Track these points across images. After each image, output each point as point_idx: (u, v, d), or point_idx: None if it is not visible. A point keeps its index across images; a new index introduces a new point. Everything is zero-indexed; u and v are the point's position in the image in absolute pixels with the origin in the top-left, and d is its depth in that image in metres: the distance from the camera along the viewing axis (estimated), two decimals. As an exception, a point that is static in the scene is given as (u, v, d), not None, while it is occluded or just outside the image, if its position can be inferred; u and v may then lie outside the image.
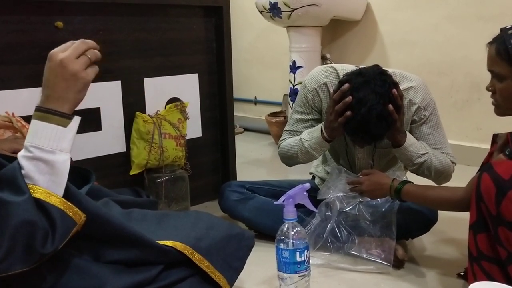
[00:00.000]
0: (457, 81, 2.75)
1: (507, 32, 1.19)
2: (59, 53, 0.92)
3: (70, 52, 0.93)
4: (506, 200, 1.07)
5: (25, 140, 0.90)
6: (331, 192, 1.59)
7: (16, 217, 0.84)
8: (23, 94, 1.61)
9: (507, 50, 1.16)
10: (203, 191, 2.15)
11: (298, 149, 1.63)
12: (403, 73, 1.57)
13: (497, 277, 1.13)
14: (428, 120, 1.57)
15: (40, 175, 0.89)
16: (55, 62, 0.92)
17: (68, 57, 0.92)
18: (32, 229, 0.84)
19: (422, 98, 1.55)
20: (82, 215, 0.94)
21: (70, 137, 0.92)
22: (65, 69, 0.91)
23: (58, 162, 0.90)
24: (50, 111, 0.91)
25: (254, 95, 4.00)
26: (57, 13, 1.66)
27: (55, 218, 0.88)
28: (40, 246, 0.85)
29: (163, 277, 1.01)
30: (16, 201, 0.85)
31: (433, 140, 1.58)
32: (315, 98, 1.63)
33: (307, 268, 1.28)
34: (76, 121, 0.93)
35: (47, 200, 0.88)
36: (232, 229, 1.18)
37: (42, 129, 0.90)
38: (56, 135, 0.90)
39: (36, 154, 0.89)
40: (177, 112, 1.95)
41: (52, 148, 0.90)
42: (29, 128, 0.92)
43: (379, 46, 3.08)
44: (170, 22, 1.97)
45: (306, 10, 2.82)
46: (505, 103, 1.24)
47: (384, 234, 1.53)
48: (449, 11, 2.72)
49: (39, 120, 0.91)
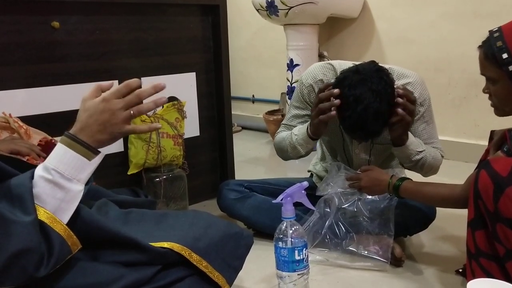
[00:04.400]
0: (454, 78, 2.75)
1: (493, 35, 1.18)
2: (114, 100, 0.95)
3: (124, 104, 0.95)
4: (504, 197, 1.07)
5: (47, 161, 0.92)
6: (330, 188, 1.60)
7: (18, 240, 0.84)
8: (19, 94, 1.61)
9: (494, 54, 1.16)
10: (201, 190, 2.16)
11: (288, 143, 1.65)
12: (400, 69, 1.58)
13: (496, 274, 1.13)
14: (423, 116, 1.59)
15: (52, 199, 0.90)
16: (107, 107, 0.94)
17: (122, 108, 0.95)
18: (31, 255, 0.85)
19: (419, 94, 1.56)
20: (79, 245, 0.95)
21: (90, 171, 0.95)
22: (114, 116, 0.94)
23: (73, 191, 0.92)
24: (81, 141, 0.93)
25: (252, 94, 4.00)
26: (53, 13, 1.65)
27: (55, 245, 0.89)
28: (34, 270, 0.86)
29: (161, 277, 1.00)
30: (21, 220, 0.86)
31: (426, 135, 1.61)
32: (310, 94, 1.64)
33: (306, 267, 1.28)
34: (100, 157, 0.96)
35: (51, 225, 0.89)
36: (230, 228, 1.17)
37: (68, 156, 0.92)
38: (79, 166, 0.93)
39: (55, 178, 0.90)
40: (175, 111, 1.95)
41: (71, 177, 0.92)
42: (54, 151, 0.93)
43: (376, 44, 3.09)
44: (167, 21, 1.96)
45: (303, 8, 2.82)
46: (502, 105, 1.24)
47: (382, 231, 1.53)
48: (446, 8, 2.72)
49: (67, 146, 0.93)
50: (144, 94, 0.97)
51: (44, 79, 1.66)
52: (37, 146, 1.39)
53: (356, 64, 1.50)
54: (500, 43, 1.15)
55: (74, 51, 1.72)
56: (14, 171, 0.96)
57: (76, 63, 1.73)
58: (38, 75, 1.65)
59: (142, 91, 0.97)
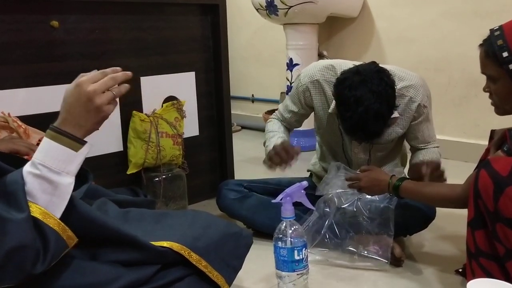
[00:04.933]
0: (454, 77, 2.75)
1: (494, 33, 1.18)
2: (89, 84, 0.92)
3: (98, 87, 0.93)
4: (504, 197, 1.07)
5: (34, 156, 0.91)
6: (330, 188, 1.59)
7: (13, 238, 0.84)
8: (19, 94, 1.60)
9: (495, 52, 1.16)
10: (200, 190, 2.15)
11: (265, 140, 1.73)
12: (401, 72, 1.58)
13: (496, 273, 1.13)
14: (425, 117, 1.61)
15: (42, 194, 0.89)
16: (82, 92, 0.92)
17: (96, 90, 0.92)
18: (27, 252, 0.85)
19: (422, 96, 1.57)
20: (75, 239, 0.94)
21: (79, 162, 0.94)
22: (90, 102, 0.92)
23: (63, 184, 0.91)
24: (64, 133, 0.92)
25: (251, 93, 4.00)
26: (52, 12, 1.65)
27: (50, 240, 0.88)
28: (31, 267, 0.86)
29: (160, 276, 1.00)
30: (15, 218, 0.85)
31: (427, 133, 1.64)
32: (305, 93, 1.66)
33: (305, 266, 1.28)
34: (87, 147, 0.94)
35: (44, 220, 0.88)
36: (230, 228, 1.17)
37: (53, 149, 0.91)
38: (66, 158, 0.91)
39: (43, 172, 0.89)
40: (174, 111, 1.95)
41: (59, 170, 0.90)
42: (40, 146, 0.92)
43: (376, 43, 3.08)
44: (167, 21, 1.96)
45: (303, 7, 2.82)
46: (502, 103, 1.24)
47: (381, 231, 1.53)
48: (446, 8, 2.71)
49: (51, 139, 0.91)
50: (118, 77, 0.96)
51: (43, 78, 1.66)
52: (36, 145, 1.39)
53: (357, 65, 1.50)
54: (500, 41, 1.15)
55: (73, 50, 1.72)
56: (12, 169, 0.96)
57: (75, 62, 1.72)
58: (37, 75, 1.65)
59: (116, 74, 0.96)
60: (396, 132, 1.61)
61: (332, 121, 1.65)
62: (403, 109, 1.57)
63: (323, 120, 1.68)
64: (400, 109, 1.55)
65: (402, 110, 1.57)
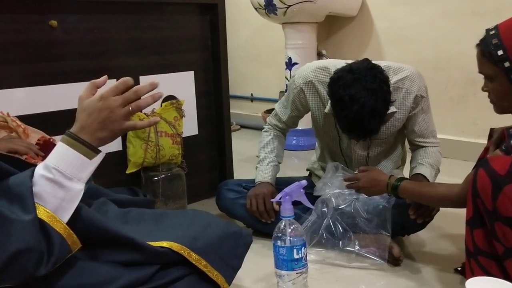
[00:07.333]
0: (453, 76, 2.75)
1: (490, 33, 1.19)
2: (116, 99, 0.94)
3: (122, 101, 0.95)
4: (502, 196, 1.07)
5: (48, 160, 0.91)
6: (328, 188, 1.59)
7: (18, 240, 0.84)
8: (17, 93, 1.60)
9: (490, 51, 1.17)
10: (200, 189, 2.15)
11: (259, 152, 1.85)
12: (396, 64, 1.59)
13: (494, 272, 1.13)
14: (422, 107, 1.61)
15: (52, 198, 0.90)
16: (106, 106, 0.94)
17: (120, 105, 0.94)
18: (31, 254, 0.85)
19: (418, 87, 1.57)
20: (79, 244, 0.95)
21: (91, 170, 0.95)
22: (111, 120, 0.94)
23: (74, 190, 0.92)
24: (82, 141, 0.93)
25: (250, 92, 4.00)
26: (51, 12, 1.65)
27: (55, 244, 0.89)
28: (34, 270, 0.86)
29: (160, 276, 1.00)
30: (21, 220, 0.85)
31: (424, 127, 1.64)
32: (300, 94, 1.67)
33: (304, 265, 1.28)
34: (101, 156, 0.95)
35: (51, 224, 0.89)
36: (229, 227, 1.17)
37: (69, 156, 0.92)
38: (80, 165, 0.92)
39: (56, 177, 0.90)
40: (173, 110, 1.95)
41: (72, 176, 0.91)
42: (55, 150, 0.93)
43: (374, 42, 3.08)
44: (165, 20, 1.96)
45: (302, 6, 2.82)
46: (500, 102, 1.25)
47: (379, 231, 1.53)
48: (444, 7, 2.72)
49: (68, 145, 0.92)
50: (142, 90, 0.97)
51: (42, 78, 1.66)
52: (35, 145, 1.39)
53: (349, 63, 1.50)
54: (496, 40, 1.16)
55: (72, 50, 1.72)
56: (13, 169, 0.96)
57: (74, 62, 1.72)
58: (36, 74, 1.65)
59: (140, 87, 0.97)
60: (394, 126, 1.61)
61: (328, 121, 1.65)
62: (400, 102, 1.56)
63: (319, 120, 1.68)
64: (397, 103, 1.55)
65: (399, 103, 1.56)
